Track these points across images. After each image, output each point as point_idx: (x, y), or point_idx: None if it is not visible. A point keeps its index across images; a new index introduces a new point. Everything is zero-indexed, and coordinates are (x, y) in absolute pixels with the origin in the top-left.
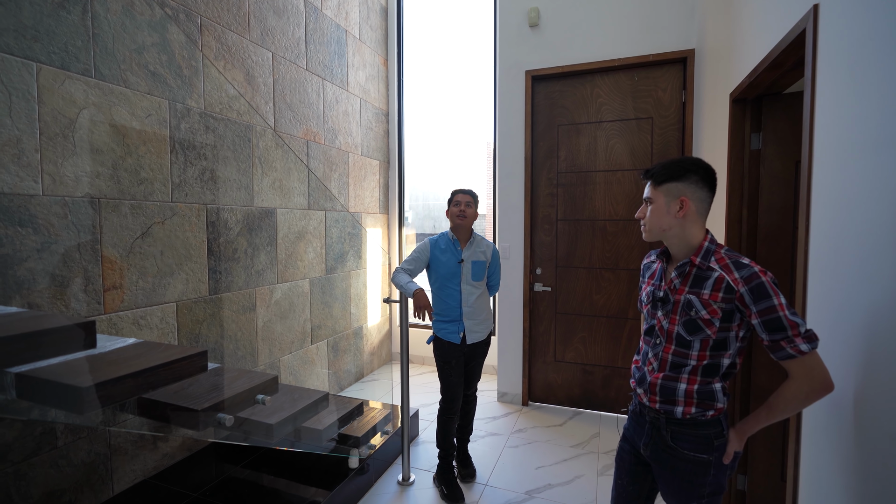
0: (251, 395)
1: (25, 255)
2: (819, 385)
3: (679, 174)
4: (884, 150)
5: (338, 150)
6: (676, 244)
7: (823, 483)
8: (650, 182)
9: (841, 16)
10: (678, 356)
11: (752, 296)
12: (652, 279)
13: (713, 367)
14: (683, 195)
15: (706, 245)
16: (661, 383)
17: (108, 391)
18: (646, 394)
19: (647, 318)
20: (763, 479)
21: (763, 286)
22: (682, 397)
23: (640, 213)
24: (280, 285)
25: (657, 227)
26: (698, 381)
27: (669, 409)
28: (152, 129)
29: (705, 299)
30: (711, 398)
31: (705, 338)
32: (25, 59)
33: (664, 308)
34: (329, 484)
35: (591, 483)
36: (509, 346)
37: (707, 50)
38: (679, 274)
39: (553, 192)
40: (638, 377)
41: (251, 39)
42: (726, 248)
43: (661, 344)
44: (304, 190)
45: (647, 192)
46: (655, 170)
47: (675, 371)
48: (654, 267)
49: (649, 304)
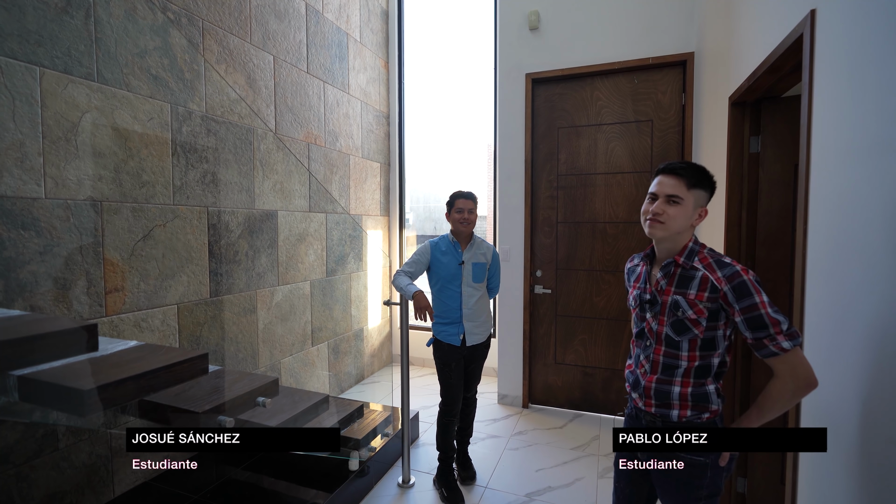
0: (252, 398)
1: (28, 257)
2: (803, 382)
3: (708, 184)
4: (881, 153)
5: (339, 152)
6: (670, 246)
7: (822, 486)
8: (682, 182)
9: (838, 20)
10: (669, 357)
11: (734, 294)
12: (637, 282)
13: (704, 367)
14: (704, 205)
15: (690, 245)
16: (655, 387)
17: (110, 394)
18: (641, 398)
19: (637, 321)
20: (762, 482)
21: (745, 284)
22: (676, 400)
23: (658, 208)
24: (281, 287)
25: (676, 227)
26: (691, 384)
27: (665, 413)
28: (154, 132)
29: (691, 299)
30: (706, 400)
31: (693, 337)
32: (29, 64)
33: (652, 310)
34: (329, 486)
35: (591, 485)
36: (509, 349)
37: (706, 53)
38: (665, 274)
39: (553, 194)
40: (632, 381)
41: (252, 43)
42: (709, 249)
43: (651, 346)
44: (304, 192)
45: (673, 190)
46: (691, 172)
47: (668, 374)
48: (639, 270)
49: (637, 308)
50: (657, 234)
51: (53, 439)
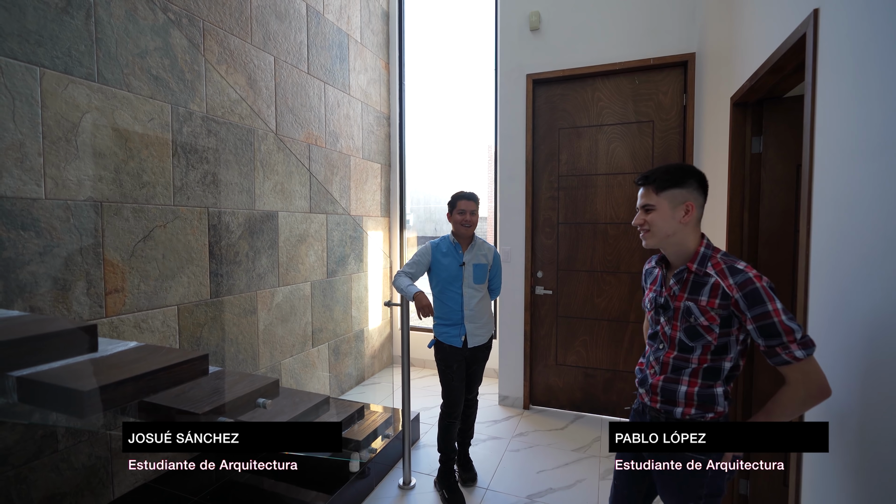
0: (252, 399)
1: (28, 258)
2: (816, 391)
3: (681, 180)
4: (885, 153)
5: (339, 153)
6: (675, 251)
7: (826, 488)
8: (650, 189)
9: (841, 20)
10: (679, 360)
11: (746, 302)
12: (654, 285)
13: (714, 370)
14: (688, 200)
15: (702, 251)
16: (663, 385)
17: (110, 395)
18: (647, 394)
19: (652, 323)
20: (765, 484)
21: (757, 292)
22: (682, 399)
23: (638, 220)
24: (281, 288)
25: (662, 233)
26: (699, 384)
27: (669, 409)
28: (155, 132)
29: (703, 306)
30: (712, 401)
31: (706, 343)
32: (29, 64)
33: (666, 314)
34: (330, 488)
35: (592, 487)
36: (510, 350)
37: (708, 54)
38: (677, 281)
39: (554, 195)
40: (640, 378)
41: (253, 44)
42: (723, 253)
43: (663, 349)
44: (305, 193)
45: (645, 200)
46: (656, 176)
47: (676, 373)
48: (655, 273)
49: (653, 311)
50: (649, 243)
51: (53, 440)
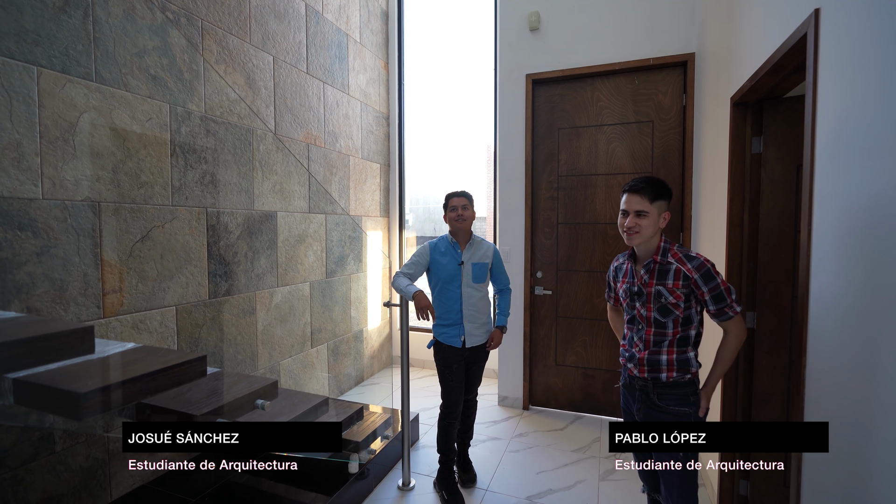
0: (250, 400)
1: (25, 258)
2: (744, 334)
3: (666, 193)
4: (886, 153)
5: (338, 153)
6: (645, 248)
7: (826, 490)
8: (645, 197)
9: (842, 19)
10: (658, 335)
11: (703, 279)
12: (626, 278)
13: (685, 338)
14: (666, 210)
15: (662, 245)
16: (648, 357)
17: (107, 396)
18: (636, 367)
19: (628, 309)
20: (765, 485)
21: (709, 271)
22: (665, 366)
23: (631, 223)
24: (280, 289)
25: (647, 234)
26: (675, 352)
27: (656, 377)
28: (153, 132)
29: (670, 288)
30: (687, 364)
31: (675, 318)
32: (26, 63)
33: (640, 299)
34: (329, 489)
35: (592, 488)
36: (510, 350)
37: (708, 54)
38: (647, 271)
39: (554, 195)
40: (627, 356)
41: (252, 43)
42: (678, 245)
43: (643, 328)
44: (304, 193)
45: (640, 206)
46: (650, 188)
47: (657, 346)
48: (625, 268)
49: (628, 299)
50: (635, 242)
51: (50, 442)
